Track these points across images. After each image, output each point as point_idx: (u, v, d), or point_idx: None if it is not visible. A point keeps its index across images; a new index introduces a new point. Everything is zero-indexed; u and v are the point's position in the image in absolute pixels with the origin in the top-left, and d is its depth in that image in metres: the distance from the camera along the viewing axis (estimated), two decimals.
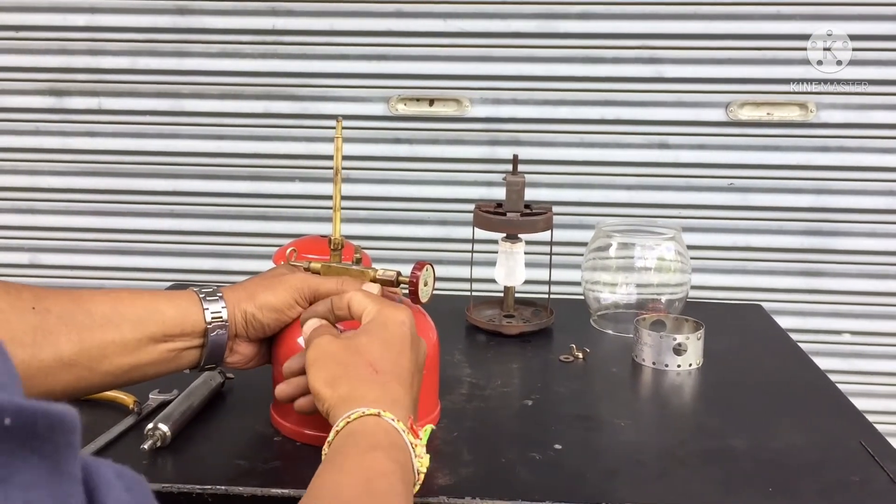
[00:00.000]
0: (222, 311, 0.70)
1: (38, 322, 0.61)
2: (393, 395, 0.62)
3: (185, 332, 0.68)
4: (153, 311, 0.67)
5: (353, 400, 0.60)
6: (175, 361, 0.69)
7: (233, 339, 0.71)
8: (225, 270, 1.81)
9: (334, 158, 0.77)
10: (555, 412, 0.83)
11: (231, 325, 0.70)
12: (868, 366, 1.75)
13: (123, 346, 0.65)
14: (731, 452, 0.75)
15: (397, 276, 0.76)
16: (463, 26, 1.70)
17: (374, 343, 0.65)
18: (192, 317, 0.69)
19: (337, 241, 0.78)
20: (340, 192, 0.78)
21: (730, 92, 1.68)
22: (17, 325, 0.60)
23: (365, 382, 0.62)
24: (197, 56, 1.75)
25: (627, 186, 1.73)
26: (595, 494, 0.67)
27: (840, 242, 1.72)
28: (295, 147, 1.77)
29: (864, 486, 0.70)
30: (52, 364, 0.61)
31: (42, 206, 1.83)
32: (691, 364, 0.95)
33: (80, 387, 0.65)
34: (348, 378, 0.62)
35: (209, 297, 0.70)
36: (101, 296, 0.66)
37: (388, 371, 0.63)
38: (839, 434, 0.80)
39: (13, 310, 0.61)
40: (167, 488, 0.66)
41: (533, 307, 1.12)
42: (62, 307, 0.63)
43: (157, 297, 0.69)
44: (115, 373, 0.66)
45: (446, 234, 1.76)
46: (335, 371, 0.63)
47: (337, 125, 0.78)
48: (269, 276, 0.75)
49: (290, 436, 0.74)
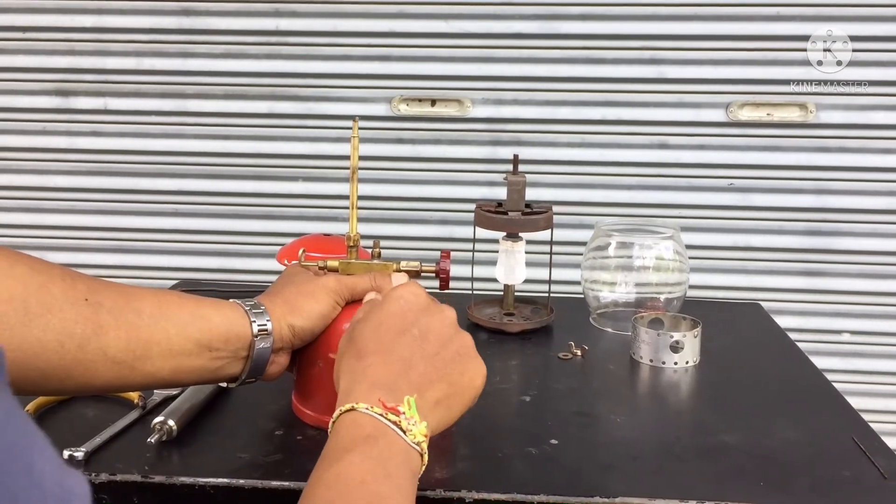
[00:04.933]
0: (267, 325, 0.69)
1: (90, 314, 0.60)
2: (372, 379, 0.59)
3: (230, 342, 0.67)
4: (199, 316, 0.66)
5: (342, 398, 0.59)
6: (216, 372, 0.68)
7: (275, 353, 0.71)
8: (229, 269, 1.83)
9: (351, 158, 0.78)
10: (552, 408, 0.84)
11: (276, 339, 0.69)
12: (868, 365, 1.76)
13: (168, 349, 0.64)
14: (725, 448, 0.76)
15: (420, 268, 0.78)
16: (465, 27, 1.71)
17: (366, 327, 0.62)
18: (238, 328, 0.67)
19: (354, 238, 0.79)
20: (357, 191, 0.79)
21: (730, 93, 1.69)
22: (69, 315, 0.59)
23: (349, 374, 0.60)
24: (201, 57, 1.77)
25: (628, 186, 1.74)
26: (590, 488, 0.68)
27: (840, 242, 1.73)
28: (298, 147, 1.78)
29: (855, 481, 0.71)
30: (97, 359, 0.60)
31: (49, 205, 1.85)
32: (688, 361, 0.96)
33: (118, 385, 0.64)
34: (341, 373, 0.62)
35: (255, 310, 0.69)
36: (150, 295, 0.65)
37: (373, 352, 0.60)
38: (832, 431, 0.81)
39: (66, 299, 0.59)
40: (171, 480, 0.67)
41: (533, 305, 1.13)
42: (113, 302, 0.62)
43: (201, 302, 0.68)
44: (155, 374, 0.64)
45: (448, 234, 1.77)
46: (336, 367, 0.63)
47: (353, 125, 0.79)
48: (300, 282, 0.74)
49: (314, 424, 0.75)
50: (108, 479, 0.67)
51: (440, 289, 0.81)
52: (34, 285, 0.58)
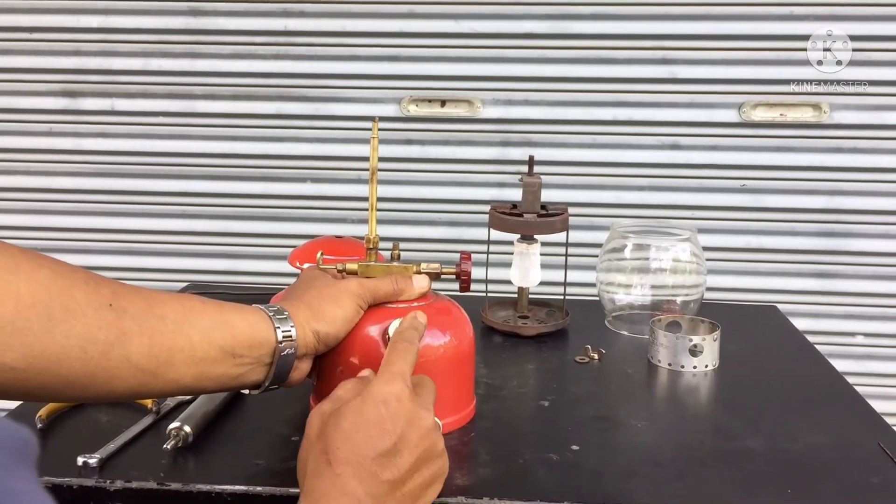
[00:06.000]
0: (292, 331, 0.67)
1: (113, 320, 0.58)
2: (342, 489, 0.55)
3: (254, 349, 0.66)
4: (222, 322, 0.64)
5: (306, 495, 0.56)
6: (239, 379, 0.66)
7: (299, 359, 0.69)
8: (237, 271, 1.82)
9: (371, 158, 0.77)
10: (571, 413, 0.83)
11: (301, 346, 0.68)
12: (882, 368, 1.74)
13: (192, 355, 0.62)
14: (749, 453, 0.75)
15: (440, 269, 0.77)
16: (475, 27, 1.70)
17: (342, 426, 0.58)
18: (262, 333, 0.66)
19: (374, 240, 0.78)
20: (377, 192, 0.78)
21: (743, 93, 1.68)
22: (92, 321, 0.57)
23: (317, 476, 0.57)
24: (209, 57, 1.76)
25: (640, 187, 1.73)
26: (613, 495, 0.67)
27: (853, 244, 1.71)
28: (307, 148, 1.77)
29: (883, 487, 0.70)
30: (119, 366, 0.59)
31: (55, 206, 1.84)
32: (707, 365, 0.95)
33: (140, 392, 0.62)
34: (307, 469, 0.58)
35: (279, 316, 0.67)
36: (173, 301, 0.64)
37: (345, 461, 0.56)
38: (857, 436, 0.79)
39: (90, 304, 0.58)
40: (187, 487, 0.66)
41: (547, 308, 1.12)
42: (136, 307, 0.60)
43: (224, 307, 0.66)
44: (178, 381, 0.63)
45: (458, 235, 1.76)
46: (301, 454, 0.60)
47: (373, 126, 0.78)
48: (321, 286, 0.72)
49: None
50: (124, 486, 0.66)
51: (460, 290, 0.80)
52: (57, 290, 0.57)
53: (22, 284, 0.55)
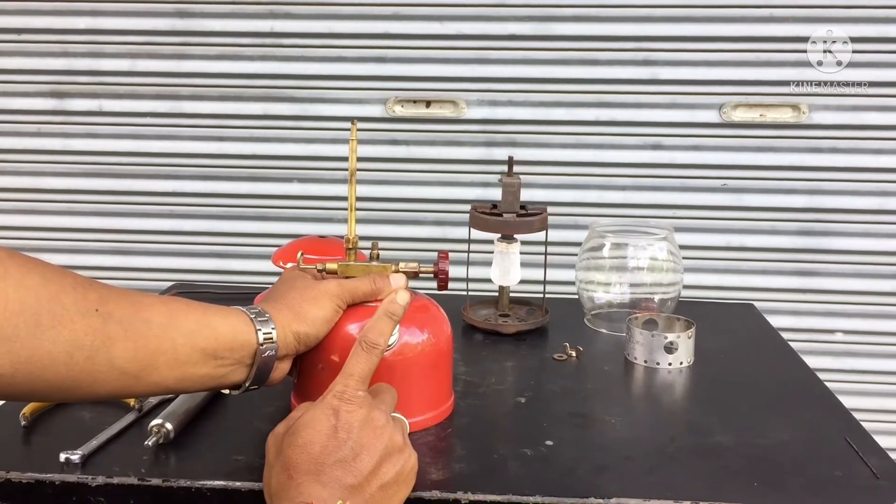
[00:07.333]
0: (272, 333, 0.68)
1: (100, 325, 0.59)
2: (309, 493, 0.57)
3: (236, 351, 0.67)
4: (205, 325, 0.66)
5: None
6: (220, 380, 0.68)
7: (279, 359, 0.70)
8: (225, 270, 1.83)
9: (349, 160, 0.79)
10: (547, 409, 0.85)
11: (281, 347, 0.69)
12: (861, 364, 1.77)
13: (175, 358, 0.63)
14: (718, 448, 0.77)
15: (418, 269, 0.78)
16: (459, 29, 1.72)
17: (296, 442, 0.59)
18: (244, 336, 0.67)
19: (353, 240, 0.80)
20: (356, 193, 0.79)
21: (723, 94, 1.70)
22: (79, 327, 0.58)
23: (283, 490, 0.58)
24: (196, 58, 1.77)
25: (622, 187, 1.75)
26: (585, 489, 0.68)
27: (833, 242, 1.73)
28: (294, 148, 1.79)
29: (848, 481, 0.71)
30: (104, 370, 0.60)
31: (43, 206, 1.84)
32: (682, 362, 0.96)
33: (122, 394, 0.64)
34: (273, 489, 0.59)
35: (259, 318, 0.68)
36: (159, 304, 0.65)
37: (305, 472, 0.58)
38: (825, 431, 0.81)
39: (77, 310, 0.58)
40: (168, 483, 0.68)
41: (528, 306, 1.14)
42: (123, 312, 0.61)
43: (208, 310, 0.67)
44: (160, 384, 0.64)
45: (442, 235, 1.77)
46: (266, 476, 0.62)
47: (352, 128, 0.79)
48: (302, 287, 0.73)
49: None
50: (105, 481, 0.68)
51: (438, 289, 0.81)
52: (46, 296, 0.57)
53: (10, 290, 0.55)
